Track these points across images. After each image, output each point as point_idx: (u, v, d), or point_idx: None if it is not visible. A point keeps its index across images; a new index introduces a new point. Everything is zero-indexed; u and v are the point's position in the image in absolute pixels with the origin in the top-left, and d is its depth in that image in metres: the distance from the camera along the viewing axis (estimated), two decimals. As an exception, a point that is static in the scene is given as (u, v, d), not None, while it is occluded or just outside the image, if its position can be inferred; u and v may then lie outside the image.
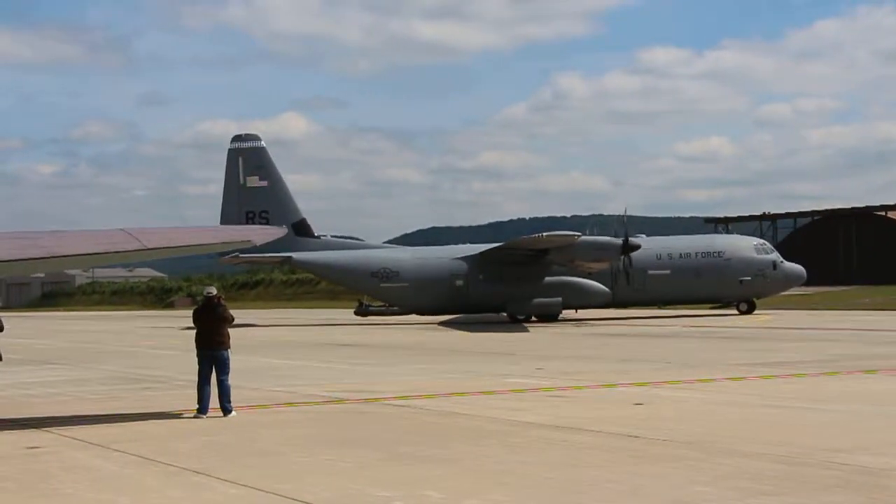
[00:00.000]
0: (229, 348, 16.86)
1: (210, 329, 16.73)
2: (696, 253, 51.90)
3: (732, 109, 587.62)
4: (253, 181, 54.42)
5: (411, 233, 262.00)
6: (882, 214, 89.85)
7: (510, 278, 50.01)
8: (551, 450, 12.19)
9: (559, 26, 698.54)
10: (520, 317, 50.05)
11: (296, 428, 14.74)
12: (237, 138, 55.84)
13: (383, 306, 53.66)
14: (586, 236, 48.21)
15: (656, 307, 55.12)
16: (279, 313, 74.67)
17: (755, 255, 52.08)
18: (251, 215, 53.84)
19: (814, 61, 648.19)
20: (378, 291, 52.82)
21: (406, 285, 51.66)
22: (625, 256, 48.75)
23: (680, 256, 51.77)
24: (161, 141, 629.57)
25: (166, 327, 54.57)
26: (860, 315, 48.93)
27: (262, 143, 55.81)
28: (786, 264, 53.36)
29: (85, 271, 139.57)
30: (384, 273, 51.93)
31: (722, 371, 21.81)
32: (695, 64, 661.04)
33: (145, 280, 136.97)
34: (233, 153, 55.19)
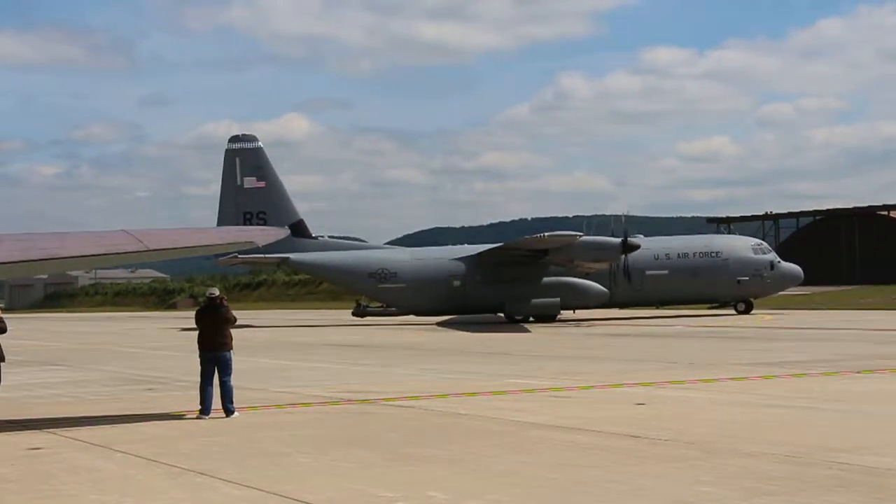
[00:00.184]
0: (232, 349, 16.86)
1: (212, 330, 16.74)
2: (694, 253, 51.99)
3: (735, 109, 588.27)
4: (250, 182, 54.21)
5: (413, 233, 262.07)
6: (884, 214, 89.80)
7: (508, 279, 50.01)
8: (554, 450, 12.19)
9: (561, 26, 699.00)
10: (517, 317, 50.06)
11: (298, 429, 14.75)
12: (234, 139, 55.54)
13: (381, 307, 53.67)
14: (586, 236, 48.20)
15: (654, 307, 55.19)
16: (276, 314, 74.69)
17: (753, 256, 52.17)
18: (248, 216, 53.62)
19: (816, 61, 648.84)
20: (376, 292, 52.80)
21: (404, 286, 51.64)
22: (624, 256, 48.78)
23: (678, 257, 51.83)
24: (163, 142, 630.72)
25: (169, 328, 54.60)
26: (862, 315, 48.91)
27: (260, 144, 55.59)
28: (783, 264, 53.50)
29: (88, 272, 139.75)
30: (382, 274, 51.91)
31: (724, 371, 21.80)
32: (697, 64, 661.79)
33: (148, 281, 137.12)
34: (230, 154, 54.94)
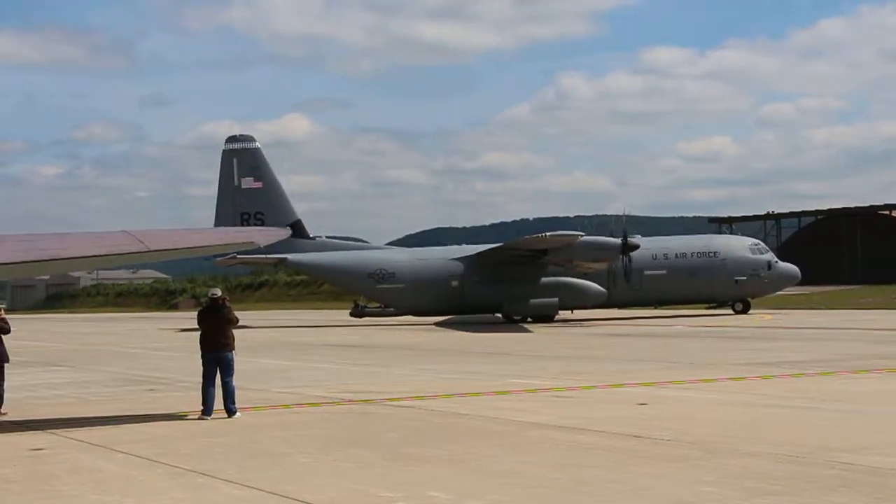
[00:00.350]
0: (234, 350, 16.87)
1: (214, 330, 16.74)
2: (692, 253, 52.08)
3: (735, 109, 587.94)
4: (248, 182, 54.02)
5: (414, 233, 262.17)
6: (886, 214, 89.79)
7: (506, 279, 50.01)
8: (555, 450, 12.19)
9: (562, 26, 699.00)
10: (516, 317, 50.06)
11: (299, 429, 14.75)
12: (232, 139, 55.31)
13: (379, 307, 53.65)
14: (586, 236, 48.21)
15: (652, 307, 55.26)
16: (274, 314, 74.70)
17: (750, 256, 52.28)
18: (246, 216, 53.43)
19: (817, 61, 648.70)
20: (374, 292, 52.78)
21: (402, 286, 51.62)
22: (624, 256, 48.80)
23: (676, 257, 51.90)
24: (164, 142, 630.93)
25: (170, 329, 54.61)
26: (863, 314, 48.90)
27: (257, 144, 55.37)
28: (780, 264, 53.66)
29: (89, 273, 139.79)
30: (380, 274, 51.89)
31: (725, 371, 21.80)
32: (698, 64, 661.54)
33: (149, 282, 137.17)
34: (227, 154, 54.71)
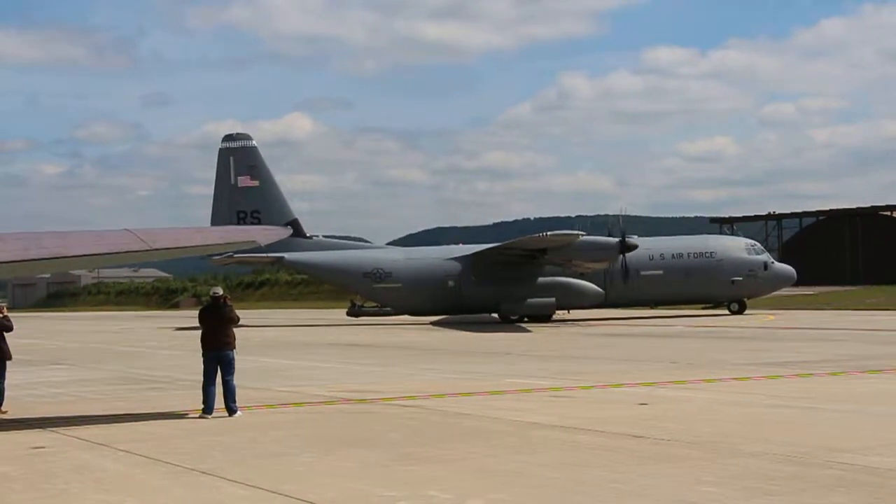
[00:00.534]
0: (235, 349, 16.88)
1: (216, 329, 16.75)
2: (689, 253, 52.21)
3: (737, 109, 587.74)
4: (244, 181, 53.85)
5: (416, 233, 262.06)
6: (888, 214, 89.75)
7: (503, 279, 50.04)
8: (555, 450, 12.20)
9: (564, 26, 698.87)
10: (512, 317, 50.04)
11: (301, 428, 14.76)
12: (228, 137, 55.10)
13: (376, 307, 53.64)
14: (585, 236, 48.23)
15: (649, 307, 55.31)
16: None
17: (746, 256, 52.41)
18: (242, 215, 53.22)
19: (819, 60, 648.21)
20: (371, 292, 52.80)
21: (399, 286, 51.65)
22: (622, 256, 48.86)
23: (672, 257, 52.02)
24: (166, 141, 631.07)
25: (171, 328, 54.63)
26: (865, 315, 48.89)
27: (254, 143, 55.18)
28: (776, 265, 53.95)
29: (90, 272, 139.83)
30: (377, 273, 51.91)
31: (726, 371, 21.80)
32: (699, 64, 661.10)
33: (150, 281, 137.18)
34: (224, 153, 54.54)
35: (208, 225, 46.82)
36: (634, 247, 49.42)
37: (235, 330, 17.04)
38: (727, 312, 52.25)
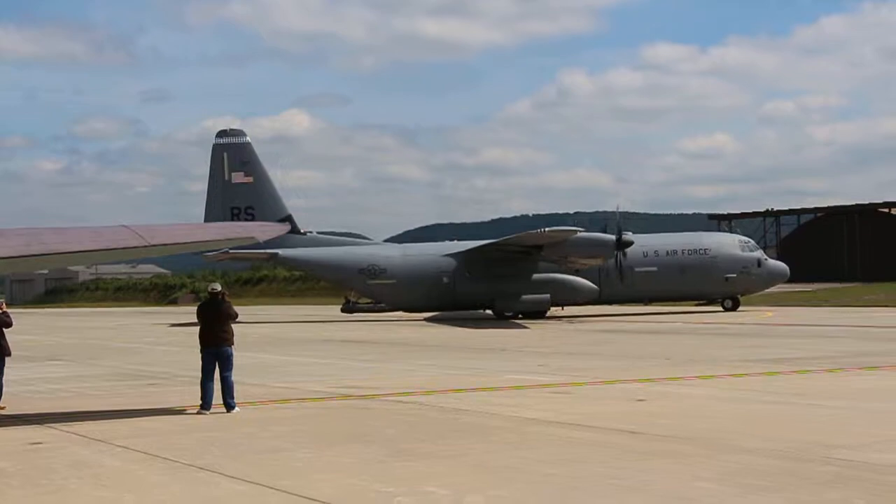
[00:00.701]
0: (233, 345, 16.89)
1: (214, 325, 16.76)
2: (683, 250, 52.27)
3: (737, 106, 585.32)
4: (238, 177, 53.52)
5: (414, 229, 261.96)
6: (886, 211, 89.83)
7: (498, 275, 50.02)
8: (554, 446, 12.22)
9: (563, 23, 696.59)
10: (507, 314, 50.02)
11: (299, 424, 14.78)
12: (222, 133, 54.67)
13: (370, 303, 53.62)
14: (582, 233, 48.22)
15: (643, 304, 55.37)
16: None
17: (740, 253, 52.50)
18: (236, 211, 52.93)
19: (819, 58, 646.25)
20: (365, 288, 52.71)
21: (394, 282, 51.59)
22: (618, 253, 48.91)
23: (666, 254, 52.06)
24: (165, 138, 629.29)
25: (169, 324, 54.63)
26: (863, 312, 48.94)
27: (248, 139, 54.86)
28: (770, 262, 54.20)
29: (88, 268, 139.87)
30: (372, 270, 51.86)
31: (723, 367, 21.84)
32: (699, 61, 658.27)
33: (148, 277, 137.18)
34: (217, 148, 54.13)
35: (202, 221, 46.74)
36: (630, 243, 49.45)
37: (233, 326, 17.06)
38: (721, 309, 52.34)
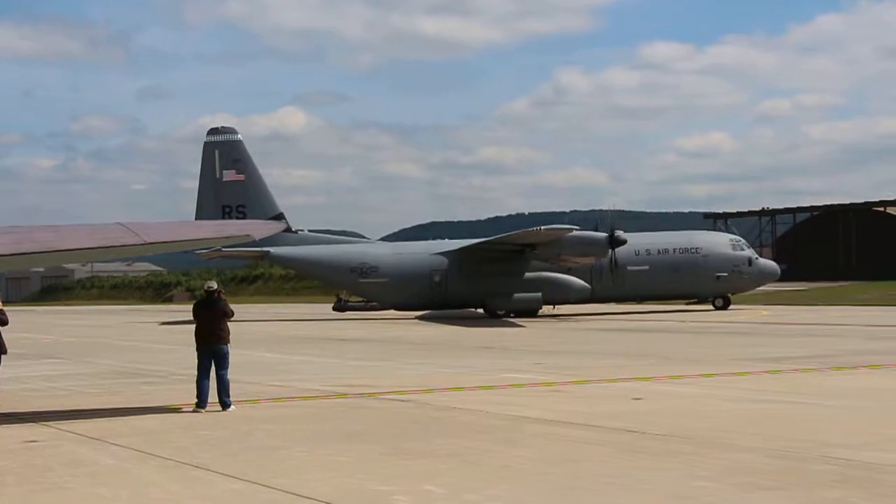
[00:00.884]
0: (229, 343, 16.87)
1: (210, 324, 16.74)
2: (674, 249, 52.42)
3: (733, 105, 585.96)
4: (229, 175, 53.40)
5: (411, 228, 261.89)
6: (881, 210, 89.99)
7: (489, 274, 50.06)
8: (551, 445, 12.20)
9: (560, 21, 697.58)
10: (499, 312, 49.98)
11: (295, 423, 14.75)
12: (213, 131, 54.60)
13: (361, 302, 53.57)
14: (576, 231, 48.21)
15: (635, 303, 55.43)
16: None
17: (731, 252, 52.69)
18: (227, 209, 52.81)
19: (815, 56, 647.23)
20: (357, 287, 52.69)
21: (385, 281, 51.59)
22: (612, 251, 48.95)
23: (658, 253, 52.19)
24: (161, 135, 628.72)
25: (164, 322, 54.56)
26: (859, 310, 48.99)
27: (239, 137, 54.77)
28: (761, 261, 54.59)
29: (84, 265, 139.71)
30: (363, 269, 51.84)
31: (720, 366, 21.84)
32: (696, 59, 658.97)
33: (144, 274, 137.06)
34: (209, 146, 54.08)
35: (193, 220, 46.67)
36: (623, 242, 49.52)
37: (229, 324, 17.03)
38: (712, 308, 52.42)
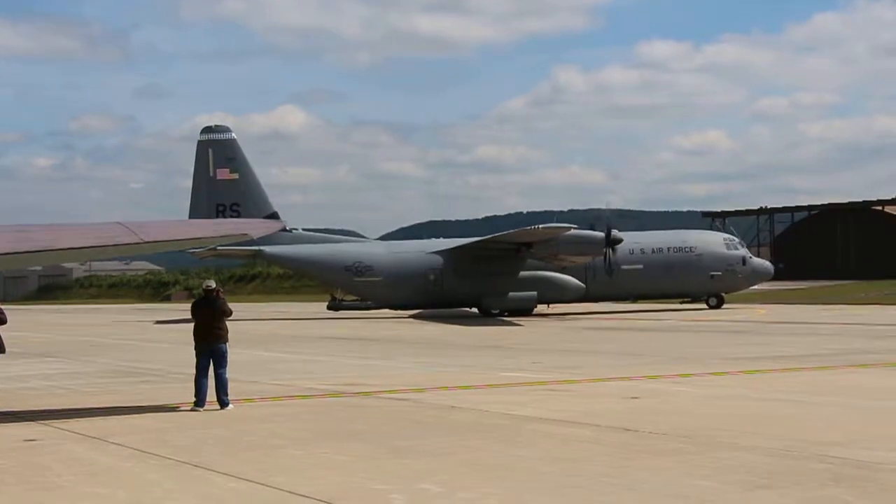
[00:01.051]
0: (227, 341, 16.88)
1: (209, 322, 16.75)
2: (668, 248, 52.47)
3: (730, 103, 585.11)
4: (223, 173, 53.21)
5: (408, 226, 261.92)
6: (879, 209, 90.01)
7: (485, 273, 50.02)
8: (548, 444, 12.22)
9: (558, 20, 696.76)
10: (494, 311, 49.94)
11: (293, 421, 14.76)
12: (207, 130, 54.37)
13: (356, 300, 53.54)
14: (573, 230, 48.20)
15: (629, 302, 55.47)
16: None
17: (725, 251, 52.78)
18: (221, 208, 52.60)
19: (812, 55, 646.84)
20: (351, 286, 52.58)
21: (380, 279, 51.54)
22: (608, 250, 48.97)
23: (652, 252, 52.20)
24: (159, 134, 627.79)
25: (158, 321, 54.50)
26: (856, 309, 49.02)
27: (233, 135, 54.53)
28: (754, 260, 54.83)
29: (82, 264, 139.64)
30: (358, 267, 51.76)
31: (719, 365, 21.86)
32: (693, 58, 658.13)
33: (142, 273, 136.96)
34: (202, 145, 53.85)
35: (187, 218, 46.61)
36: (620, 241, 49.54)
37: (227, 323, 17.04)
38: (705, 307, 52.45)
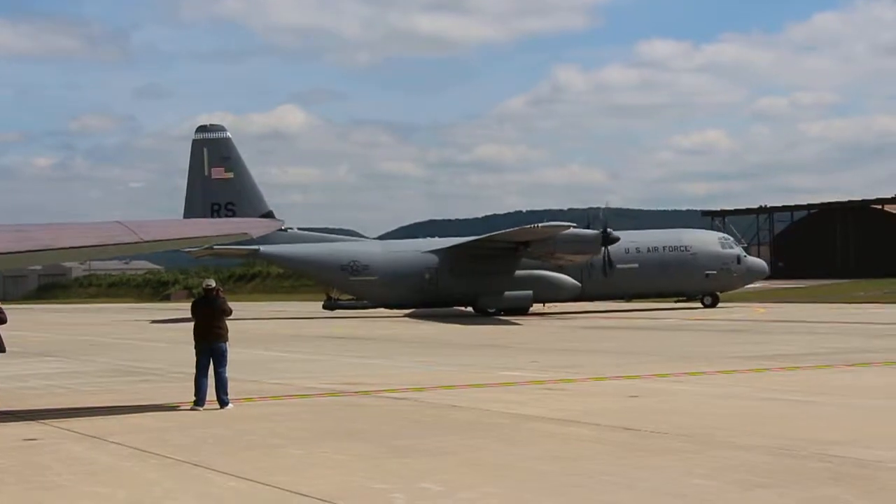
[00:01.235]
0: (227, 341, 16.88)
1: (209, 321, 16.75)
2: (664, 247, 52.53)
3: (730, 102, 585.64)
4: (218, 172, 52.99)
5: (408, 226, 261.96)
6: (878, 208, 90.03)
7: (481, 272, 50.00)
8: (548, 443, 12.22)
9: (558, 20, 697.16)
10: (490, 310, 49.90)
11: (293, 421, 14.77)
12: (202, 129, 54.14)
13: (352, 300, 53.52)
14: (571, 229, 48.18)
15: (625, 301, 55.49)
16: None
17: (720, 250, 52.87)
18: (216, 207, 52.49)
19: (812, 55, 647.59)
20: (347, 285, 52.53)
21: (375, 279, 51.50)
22: (605, 249, 49.00)
23: (648, 251, 52.24)
24: (159, 134, 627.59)
25: (155, 320, 54.47)
26: (856, 308, 49.03)
27: (228, 134, 54.37)
28: (749, 259, 55.09)
29: (81, 264, 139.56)
30: (353, 266, 51.71)
31: (718, 364, 21.86)
32: (693, 57, 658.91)
33: (141, 273, 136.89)
34: (197, 144, 53.66)
35: (181, 217, 46.58)
36: (616, 240, 49.55)
37: (227, 322, 17.04)
38: (700, 306, 52.48)
